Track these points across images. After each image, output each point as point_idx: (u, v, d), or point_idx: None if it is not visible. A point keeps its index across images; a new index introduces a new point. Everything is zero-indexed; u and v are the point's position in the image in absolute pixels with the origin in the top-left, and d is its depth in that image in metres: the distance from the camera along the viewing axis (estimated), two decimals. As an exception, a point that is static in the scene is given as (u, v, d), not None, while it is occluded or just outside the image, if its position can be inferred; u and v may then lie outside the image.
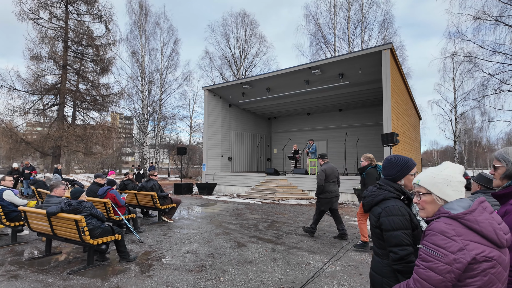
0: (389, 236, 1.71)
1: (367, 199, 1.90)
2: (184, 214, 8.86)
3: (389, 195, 1.81)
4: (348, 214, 8.71)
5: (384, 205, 1.79)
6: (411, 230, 1.71)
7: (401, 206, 1.75)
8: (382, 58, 11.20)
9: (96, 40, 26.24)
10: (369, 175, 5.03)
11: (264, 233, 6.35)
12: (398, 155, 1.94)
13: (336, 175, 6.05)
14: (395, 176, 1.87)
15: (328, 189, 5.93)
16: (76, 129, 23.38)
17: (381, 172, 5.27)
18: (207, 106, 16.76)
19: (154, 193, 7.18)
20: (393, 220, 1.72)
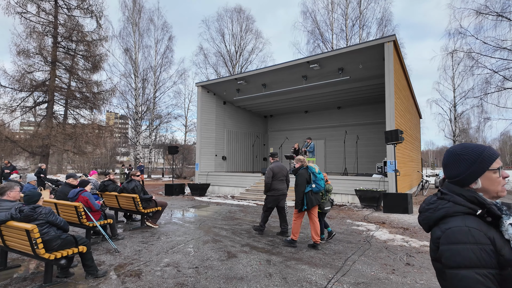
0: (453, 278, 1.03)
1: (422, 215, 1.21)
2: (171, 217, 8.13)
3: (455, 209, 1.12)
4: (351, 217, 8.03)
5: (445, 225, 1.10)
6: (495, 269, 1.02)
7: (474, 227, 1.05)
8: (385, 51, 10.55)
9: (87, 36, 25.37)
10: (300, 175, 5.04)
11: (258, 240, 5.65)
12: (466, 144, 1.24)
13: (285, 174, 6.07)
14: (463, 177, 1.18)
15: (275, 187, 6.01)
16: (65, 128, 22.50)
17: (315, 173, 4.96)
18: (201, 103, 16.03)
19: (136, 195, 6.45)
20: (458, 251, 1.03)
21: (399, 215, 8.35)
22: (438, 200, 1.18)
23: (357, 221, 7.47)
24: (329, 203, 5.48)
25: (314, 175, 4.97)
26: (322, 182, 5.03)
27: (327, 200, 5.43)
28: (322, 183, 5.00)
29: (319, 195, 5.11)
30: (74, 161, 41.70)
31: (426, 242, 5.35)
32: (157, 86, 33.68)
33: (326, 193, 5.44)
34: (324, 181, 5.13)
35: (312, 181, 4.96)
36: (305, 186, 4.95)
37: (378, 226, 6.81)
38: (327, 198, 5.45)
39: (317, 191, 4.97)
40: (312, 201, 4.91)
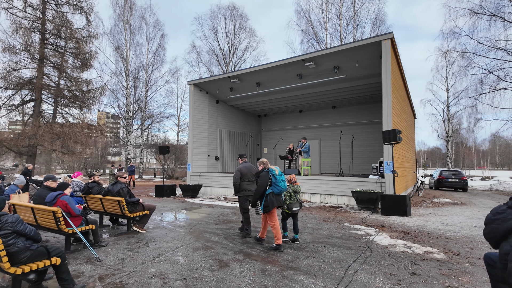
0: None
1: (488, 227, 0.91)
2: (160, 221, 7.72)
3: None
4: (348, 220, 7.73)
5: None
6: None
7: None
8: (382, 49, 10.30)
9: (76, 33, 24.69)
10: (261, 178, 5.11)
11: (252, 246, 5.29)
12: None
13: (253, 174, 6.10)
14: None
15: (244, 187, 6.06)
16: (53, 127, 21.81)
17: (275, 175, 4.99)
18: (193, 102, 15.60)
19: (121, 198, 6.03)
20: None
21: (398, 217, 8.08)
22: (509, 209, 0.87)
23: (355, 224, 7.18)
24: (298, 204, 5.55)
25: (275, 177, 5.07)
26: (283, 183, 5.09)
27: (295, 201, 5.52)
28: (282, 185, 5.07)
29: (281, 197, 5.22)
30: (64, 161, 40.80)
31: (430, 248, 5.07)
32: (149, 85, 33.08)
33: (295, 194, 5.54)
34: (286, 183, 5.20)
35: (273, 183, 5.07)
36: (265, 188, 5.07)
37: (377, 230, 6.52)
38: (296, 199, 5.54)
39: (278, 193, 5.07)
40: (273, 203, 5.03)
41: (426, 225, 7.03)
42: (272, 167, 5.19)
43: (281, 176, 5.10)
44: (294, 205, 5.49)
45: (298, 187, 5.63)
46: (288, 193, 5.49)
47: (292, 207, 5.47)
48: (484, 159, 74.45)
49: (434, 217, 8.18)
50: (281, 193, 5.12)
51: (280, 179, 5.06)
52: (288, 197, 5.48)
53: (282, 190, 5.07)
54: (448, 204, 11.01)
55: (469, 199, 13.02)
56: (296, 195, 5.56)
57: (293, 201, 5.50)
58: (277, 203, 5.06)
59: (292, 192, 5.51)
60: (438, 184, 18.69)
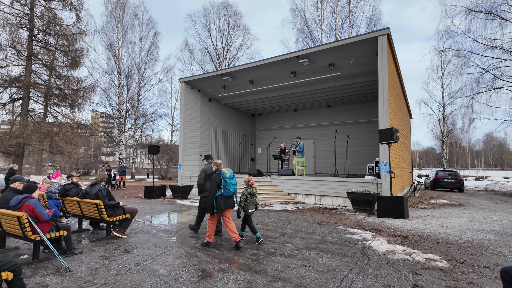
0: None
1: None
2: (144, 225, 7.27)
3: None
4: (343, 223, 7.35)
5: None
6: None
7: None
8: (378, 45, 9.95)
9: (66, 29, 24.06)
10: (212, 179, 5.15)
11: (240, 254, 4.88)
12: None
13: None
14: None
15: (207, 188, 5.96)
16: (41, 126, 21.17)
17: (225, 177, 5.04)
18: (184, 100, 15.15)
19: (99, 201, 5.58)
20: None
21: (395, 220, 7.73)
22: None
23: (351, 227, 6.80)
24: (253, 206, 5.57)
25: (225, 180, 5.09)
26: (233, 187, 5.15)
27: (251, 203, 5.53)
28: (232, 188, 5.13)
29: (232, 199, 5.23)
30: (56, 161, 40.03)
31: (431, 254, 4.70)
32: (141, 84, 32.49)
33: (251, 196, 5.56)
34: (236, 186, 5.23)
35: (222, 186, 5.09)
36: (216, 191, 5.09)
37: (374, 234, 6.14)
38: (252, 201, 5.55)
39: (227, 195, 5.10)
40: (221, 205, 5.06)
41: (425, 229, 6.68)
42: (224, 169, 5.23)
43: (232, 180, 5.17)
44: (250, 207, 5.51)
45: (254, 189, 5.65)
46: (245, 195, 5.51)
47: (247, 209, 5.49)
48: (478, 159, 74.89)
49: (433, 220, 7.84)
50: (231, 196, 5.16)
51: (230, 182, 5.10)
52: (244, 199, 5.50)
53: (231, 194, 5.13)
54: (446, 205, 10.70)
55: (467, 200, 12.74)
56: (252, 197, 5.57)
57: (249, 203, 5.51)
58: (226, 205, 5.10)
59: (248, 194, 5.53)
60: (434, 184, 18.44)
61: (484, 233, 6.21)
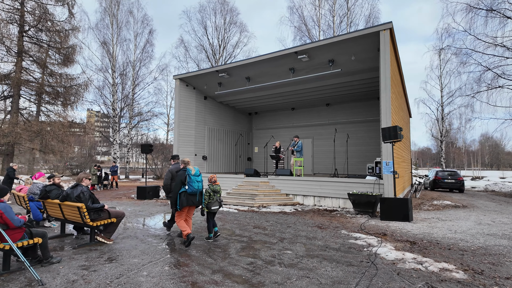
0: None
1: None
2: (133, 229, 6.80)
3: None
4: (345, 227, 6.92)
5: None
6: None
7: None
8: (381, 40, 9.55)
9: (58, 25, 23.45)
10: (178, 176, 5.31)
11: (235, 263, 4.43)
12: None
13: None
14: None
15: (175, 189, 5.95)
16: (31, 125, 20.57)
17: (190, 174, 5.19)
18: (179, 98, 14.67)
19: (81, 204, 5.11)
20: None
21: (399, 223, 7.32)
22: None
23: (354, 231, 6.38)
24: (217, 203, 5.66)
25: (189, 176, 5.19)
26: (197, 184, 5.23)
27: (214, 200, 5.62)
28: (196, 185, 5.21)
29: (195, 197, 5.31)
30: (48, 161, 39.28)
31: (445, 263, 4.28)
32: (136, 82, 31.90)
33: (214, 193, 5.63)
34: (201, 184, 5.35)
35: (187, 182, 5.19)
36: (180, 187, 5.22)
37: (379, 239, 5.73)
38: (215, 198, 5.63)
39: (191, 192, 5.19)
40: (183, 202, 5.19)
41: (432, 233, 6.27)
42: (190, 167, 5.31)
43: (198, 177, 5.26)
44: (213, 205, 5.60)
45: (217, 186, 5.72)
46: (208, 192, 5.59)
47: (211, 206, 5.58)
48: (474, 160, 75.09)
49: (439, 223, 7.44)
50: (194, 193, 5.23)
51: (195, 179, 5.19)
52: (207, 197, 5.59)
53: (195, 191, 5.20)
54: (449, 207, 10.33)
55: (469, 201, 12.39)
56: (215, 194, 5.64)
57: (212, 200, 5.59)
58: (189, 202, 5.21)
59: (211, 191, 5.60)
60: (434, 184, 18.12)
61: (496, 238, 5.81)
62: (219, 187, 5.77)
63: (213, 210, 5.64)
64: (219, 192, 5.72)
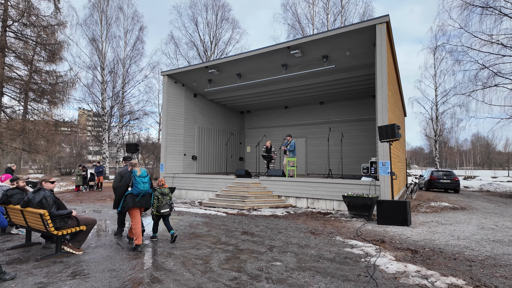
0: None
1: None
2: (108, 237, 6.21)
3: None
4: (340, 232, 6.43)
5: None
6: None
7: None
8: (377, 34, 9.10)
9: (43, 21, 22.59)
10: (124, 178, 5.44)
11: (216, 278, 3.89)
12: None
13: None
14: None
15: None
16: (13, 123, 19.72)
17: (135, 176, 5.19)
18: (167, 95, 14.05)
19: (43, 211, 4.52)
20: None
21: (398, 228, 6.86)
22: None
23: (350, 238, 5.88)
24: (167, 206, 5.66)
25: (135, 178, 5.20)
26: (143, 185, 5.20)
27: (164, 203, 5.64)
28: (141, 186, 5.18)
29: (145, 198, 5.29)
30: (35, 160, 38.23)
31: (453, 278, 3.80)
32: (126, 80, 31.12)
33: (163, 196, 5.65)
34: (147, 185, 5.28)
35: (133, 184, 5.21)
36: (125, 189, 5.31)
37: (377, 247, 5.24)
38: (164, 201, 5.64)
39: (137, 193, 5.18)
40: (129, 203, 5.18)
41: (434, 239, 5.81)
42: (137, 168, 5.29)
43: (144, 178, 5.22)
44: (163, 207, 5.61)
45: (166, 189, 5.74)
46: (156, 196, 5.60)
47: (160, 209, 5.60)
48: (467, 159, 75.63)
49: (439, 227, 7.00)
50: (140, 195, 5.19)
51: (140, 181, 5.17)
52: (156, 200, 5.61)
53: (141, 192, 5.17)
54: (448, 209, 9.93)
55: (467, 203, 12.03)
56: (164, 197, 5.66)
57: (161, 203, 5.62)
58: (134, 204, 5.17)
59: (159, 194, 5.62)
60: (429, 185, 17.81)
61: (504, 246, 5.37)
62: (168, 190, 5.79)
63: (163, 213, 5.63)
64: (168, 195, 5.73)
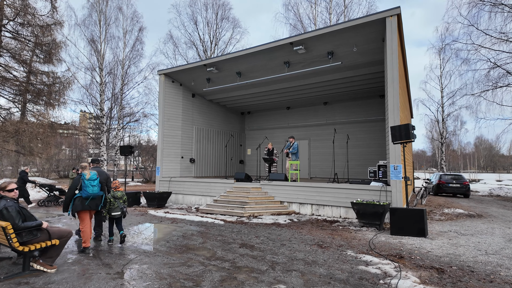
0: None
1: None
2: (88, 249, 5.52)
3: None
4: (351, 245, 5.73)
5: None
6: None
7: None
8: (387, 28, 8.44)
9: (40, 20, 22.07)
10: (73, 181, 5.38)
11: (206, 307, 3.20)
12: None
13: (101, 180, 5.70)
14: None
15: None
16: (7, 125, 19.14)
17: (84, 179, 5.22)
18: (163, 95, 13.41)
19: (5, 223, 3.85)
20: None
21: (415, 239, 6.16)
22: None
23: (363, 253, 5.18)
24: (118, 209, 5.81)
25: (84, 181, 5.22)
26: (92, 188, 5.22)
27: (116, 206, 5.79)
28: (90, 190, 5.21)
29: (90, 201, 5.28)
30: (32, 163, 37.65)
31: (498, 309, 3.09)
32: (125, 81, 30.58)
33: (115, 199, 5.81)
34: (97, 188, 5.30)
35: (82, 187, 5.23)
36: (74, 192, 5.28)
37: (396, 264, 4.54)
38: (116, 204, 5.80)
39: (86, 197, 5.21)
40: (77, 207, 5.19)
41: (459, 254, 5.11)
42: (86, 171, 5.30)
43: (93, 181, 5.24)
44: (114, 210, 5.78)
45: (119, 193, 5.87)
46: (108, 198, 5.75)
47: (111, 212, 5.78)
48: (470, 162, 74.70)
49: (461, 238, 6.29)
50: (89, 198, 5.22)
51: (89, 184, 5.19)
52: (108, 203, 5.75)
53: (90, 195, 5.19)
54: (463, 216, 9.21)
55: (481, 209, 11.30)
56: (117, 200, 5.81)
57: (113, 206, 5.77)
58: (83, 207, 5.19)
59: (111, 197, 5.78)
60: (438, 189, 17.07)
61: (542, 263, 4.66)
62: (121, 193, 5.91)
63: (113, 216, 5.78)
64: (121, 198, 5.87)
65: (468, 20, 15.12)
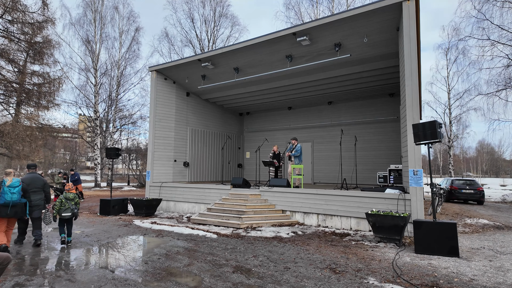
0: None
1: None
2: (51, 273, 4.42)
3: None
4: (370, 268, 4.63)
5: None
6: None
7: None
8: (404, 14, 7.47)
9: (30, 17, 21.14)
10: None
11: None
12: None
13: (38, 186, 5.90)
14: None
15: None
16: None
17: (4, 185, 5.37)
18: (155, 93, 12.38)
19: None
20: None
21: (447, 261, 5.06)
22: None
23: (388, 281, 4.08)
24: (69, 210, 5.87)
25: (3, 188, 5.18)
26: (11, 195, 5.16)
27: (67, 207, 5.85)
28: (9, 197, 5.15)
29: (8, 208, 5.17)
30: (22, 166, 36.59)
31: None
32: (121, 82, 29.64)
33: (67, 200, 5.88)
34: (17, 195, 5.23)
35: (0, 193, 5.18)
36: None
37: (437, 300, 3.45)
38: (67, 205, 5.85)
39: (3, 204, 5.13)
40: None
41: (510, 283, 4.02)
42: (8, 178, 5.31)
43: (14, 189, 5.21)
44: (65, 211, 5.82)
45: (71, 194, 5.96)
46: (60, 199, 5.84)
47: (61, 212, 5.82)
48: (474, 167, 73.60)
49: (503, 259, 5.19)
50: (7, 205, 5.15)
51: (8, 191, 5.15)
52: (59, 203, 5.82)
53: (8, 202, 5.15)
54: (490, 228, 8.11)
55: (506, 218, 10.20)
56: (68, 202, 5.88)
57: (64, 207, 5.83)
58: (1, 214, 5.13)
59: (63, 199, 5.86)
60: (450, 195, 15.95)
61: None
62: (73, 195, 6.00)
63: (64, 217, 5.84)
64: (73, 200, 5.95)
65: (483, 14, 14.14)
